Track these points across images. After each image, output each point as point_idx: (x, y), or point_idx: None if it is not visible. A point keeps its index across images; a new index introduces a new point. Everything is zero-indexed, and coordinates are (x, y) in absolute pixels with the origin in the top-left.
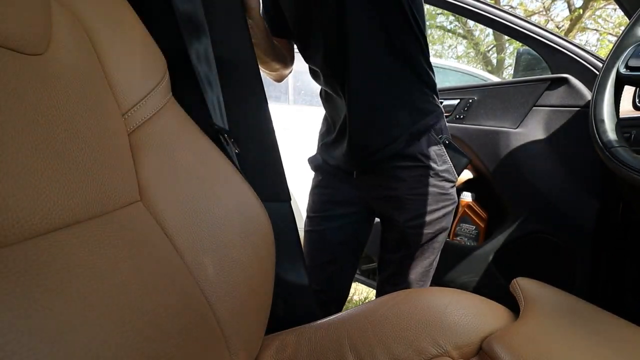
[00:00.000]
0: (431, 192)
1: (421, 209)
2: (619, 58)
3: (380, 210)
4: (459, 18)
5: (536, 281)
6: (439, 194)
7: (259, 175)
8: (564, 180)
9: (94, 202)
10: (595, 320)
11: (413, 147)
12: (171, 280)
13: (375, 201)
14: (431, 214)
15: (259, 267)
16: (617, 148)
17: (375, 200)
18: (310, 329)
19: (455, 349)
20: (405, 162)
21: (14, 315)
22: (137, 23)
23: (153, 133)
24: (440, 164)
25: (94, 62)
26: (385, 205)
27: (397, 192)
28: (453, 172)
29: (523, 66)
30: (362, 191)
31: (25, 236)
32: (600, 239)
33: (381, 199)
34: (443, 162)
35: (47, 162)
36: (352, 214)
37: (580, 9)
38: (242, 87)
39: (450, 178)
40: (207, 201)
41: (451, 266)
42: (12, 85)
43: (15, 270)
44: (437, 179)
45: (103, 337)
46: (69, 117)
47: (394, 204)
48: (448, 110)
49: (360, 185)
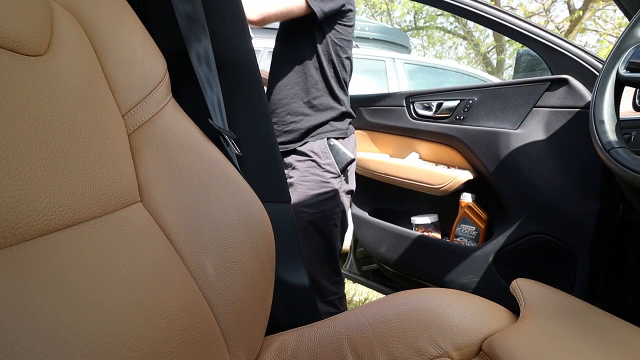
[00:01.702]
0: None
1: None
2: (619, 59)
3: None
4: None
5: (536, 282)
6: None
7: (259, 176)
8: (564, 181)
9: (94, 203)
10: (596, 321)
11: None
12: (171, 281)
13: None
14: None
15: (259, 267)
16: (617, 149)
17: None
18: (310, 329)
19: (455, 350)
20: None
21: (14, 316)
22: (137, 23)
23: (153, 134)
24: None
25: (94, 63)
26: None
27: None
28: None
29: (523, 67)
30: None
31: (25, 237)
32: (600, 240)
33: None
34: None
35: (47, 163)
36: None
37: (580, 10)
38: (241, 88)
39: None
40: (207, 202)
41: (451, 267)
42: (12, 86)
43: (15, 271)
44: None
45: (103, 338)
46: (69, 118)
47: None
48: (448, 111)
49: None
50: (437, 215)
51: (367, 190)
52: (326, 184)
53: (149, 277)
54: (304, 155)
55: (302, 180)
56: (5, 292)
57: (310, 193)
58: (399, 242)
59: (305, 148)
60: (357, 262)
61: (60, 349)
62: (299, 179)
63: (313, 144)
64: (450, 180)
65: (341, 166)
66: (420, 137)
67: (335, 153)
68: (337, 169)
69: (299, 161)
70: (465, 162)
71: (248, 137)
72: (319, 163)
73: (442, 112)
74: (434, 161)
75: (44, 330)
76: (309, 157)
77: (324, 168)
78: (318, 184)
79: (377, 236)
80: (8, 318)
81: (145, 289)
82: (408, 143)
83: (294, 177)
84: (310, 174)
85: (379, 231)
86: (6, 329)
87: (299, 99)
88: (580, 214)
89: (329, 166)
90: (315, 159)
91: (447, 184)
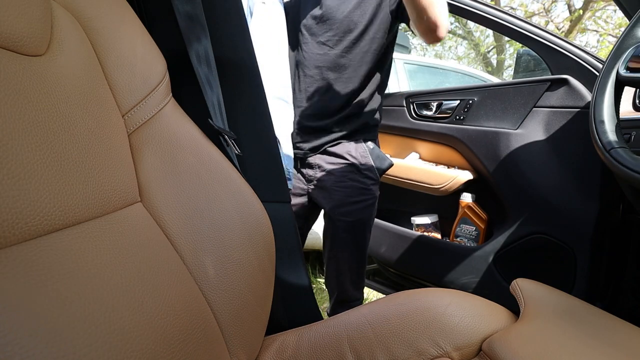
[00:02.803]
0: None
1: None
2: (619, 59)
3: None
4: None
5: (536, 282)
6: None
7: (259, 176)
8: (564, 181)
9: (94, 203)
10: (596, 322)
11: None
12: (171, 281)
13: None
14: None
15: (259, 267)
16: (617, 149)
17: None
18: (310, 329)
19: (456, 350)
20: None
21: (14, 317)
22: (137, 23)
23: (153, 134)
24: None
25: (94, 63)
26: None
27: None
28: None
29: (523, 67)
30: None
31: (25, 237)
32: (600, 240)
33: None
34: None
35: (47, 163)
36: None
37: (580, 10)
38: (242, 88)
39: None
40: (207, 202)
41: (451, 267)
42: (12, 86)
43: (15, 271)
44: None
45: (103, 338)
46: (69, 118)
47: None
48: (448, 111)
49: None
50: (437, 215)
51: None
52: (366, 191)
53: (148, 277)
54: (339, 157)
55: (339, 187)
56: (5, 292)
57: (348, 200)
58: (399, 242)
59: (339, 150)
60: None
61: (60, 349)
62: (336, 184)
63: (349, 145)
64: (450, 180)
65: (380, 172)
66: (420, 137)
67: (375, 157)
68: (377, 174)
69: (330, 163)
70: (465, 162)
71: (248, 137)
72: (359, 168)
73: (442, 112)
74: (434, 161)
75: (44, 331)
76: (346, 160)
77: (364, 174)
78: (358, 190)
79: (377, 236)
80: (8, 318)
81: (145, 289)
82: (408, 143)
83: (327, 181)
84: (348, 180)
85: (379, 231)
86: (6, 329)
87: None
88: (580, 214)
89: (369, 172)
90: (354, 163)
91: (447, 184)
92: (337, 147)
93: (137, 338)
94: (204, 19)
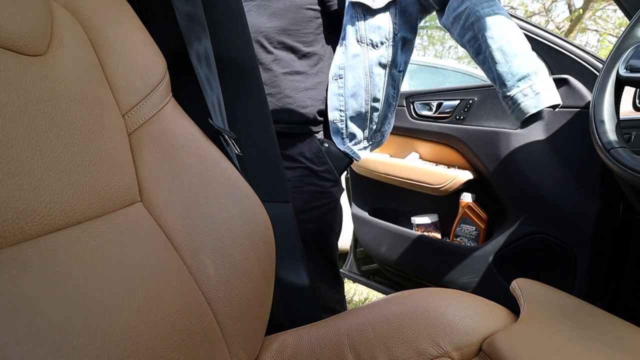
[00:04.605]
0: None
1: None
2: (619, 59)
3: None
4: None
5: (536, 282)
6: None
7: (259, 176)
8: (564, 180)
9: (94, 203)
10: (596, 321)
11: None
12: (171, 281)
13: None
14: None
15: (259, 267)
16: (617, 149)
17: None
18: (310, 329)
19: (456, 350)
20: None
21: (13, 317)
22: (137, 23)
23: (153, 134)
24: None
25: (94, 63)
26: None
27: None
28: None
29: None
30: None
31: (25, 237)
32: (600, 240)
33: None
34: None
35: (47, 162)
36: None
37: (580, 10)
38: (241, 88)
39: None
40: (207, 202)
41: (451, 267)
42: (12, 86)
43: (15, 271)
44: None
45: (102, 339)
46: (69, 118)
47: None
48: (448, 111)
49: None
50: (437, 215)
51: (367, 190)
52: (327, 194)
53: (149, 277)
54: (294, 161)
55: (296, 193)
56: (5, 292)
57: (308, 206)
58: (399, 242)
59: (293, 152)
60: (357, 262)
61: (60, 349)
62: (293, 191)
63: (302, 145)
64: (450, 180)
65: (340, 171)
66: (421, 137)
67: (331, 157)
68: (336, 175)
69: (285, 169)
70: (465, 162)
71: (248, 137)
72: (315, 171)
73: (442, 112)
74: (434, 161)
75: (44, 331)
76: (301, 163)
77: (321, 176)
78: (317, 194)
79: (377, 236)
80: (8, 318)
81: (145, 288)
82: (408, 143)
83: None
84: (305, 184)
85: (379, 231)
86: (6, 329)
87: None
88: (580, 213)
89: (326, 173)
90: (310, 166)
91: (447, 183)
92: (290, 150)
93: (137, 338)
94: (204, 18)
